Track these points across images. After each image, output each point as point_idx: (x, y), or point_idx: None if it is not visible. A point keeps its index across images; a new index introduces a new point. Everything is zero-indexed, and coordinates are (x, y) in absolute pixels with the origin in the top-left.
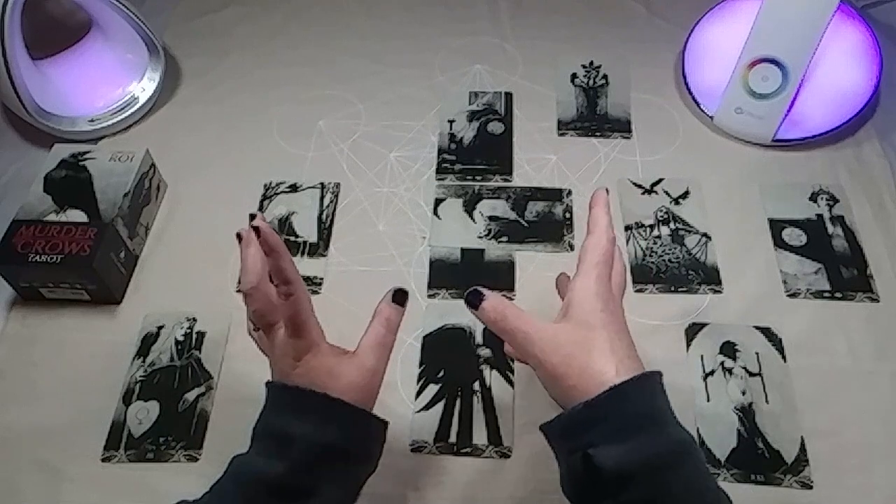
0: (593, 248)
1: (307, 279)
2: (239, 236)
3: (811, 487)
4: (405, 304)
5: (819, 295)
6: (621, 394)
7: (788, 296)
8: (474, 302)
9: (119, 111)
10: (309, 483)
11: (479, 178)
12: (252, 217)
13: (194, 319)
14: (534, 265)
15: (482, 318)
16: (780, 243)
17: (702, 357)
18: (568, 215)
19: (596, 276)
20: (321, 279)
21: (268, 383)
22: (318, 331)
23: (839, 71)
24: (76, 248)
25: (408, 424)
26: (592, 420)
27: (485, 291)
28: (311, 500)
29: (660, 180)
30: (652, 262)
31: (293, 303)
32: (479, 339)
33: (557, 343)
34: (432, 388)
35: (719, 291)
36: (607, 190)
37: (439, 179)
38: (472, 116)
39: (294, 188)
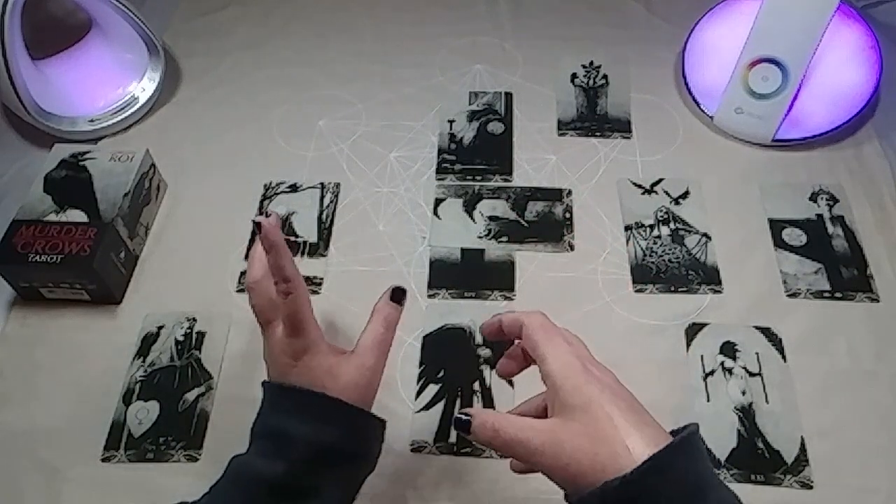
0: (534, 329)
1: (307, 279)
2: (256, 225)
3: (811, 487)
4: (403, 302)
5: (819, 295)
6: (660, 464)
7: (788, 296)
8: (464, 428)
9: (119, 111)
10: (308, 483)
11: (479, 178)
12: (267, 215)
13: (194, 319)
14: (534, 265)
15: (477, 441)
16: (780, 243)
17: (702, 357)
18: (568, 215)
19: (563, 347)
20: (321, 279)
21: (264, 383)
22: (317, 331)
23: (839, 71)
24: (76, 248)
25: (408, 424)
26: (630, 499)
27: (470, 412)
28: (310, 500)
29: (660, 180)
30: (652, 262)
31: (292, 301)
32: (479, 339)
33: (559, 441)
34: (432, 388)
35: (719, 291)
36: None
37: (439, 179)
38: (472, 116)
39: (294, 188)
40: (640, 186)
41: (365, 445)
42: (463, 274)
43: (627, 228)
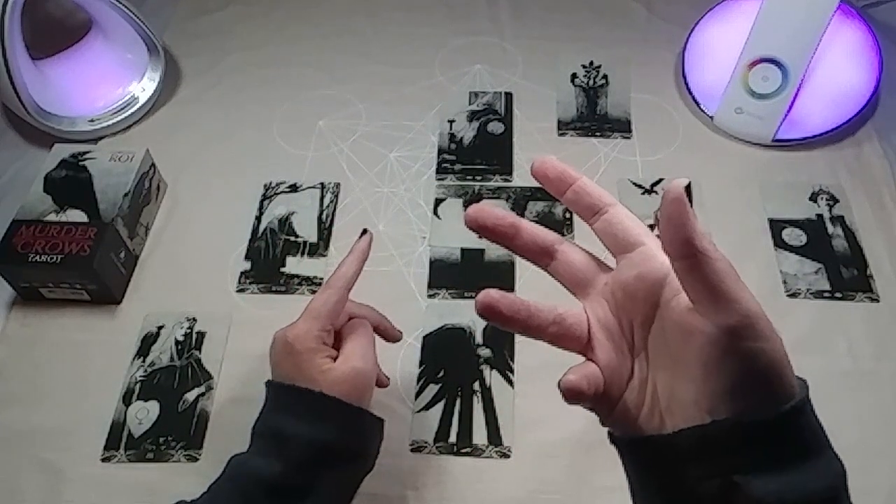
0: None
1: (307, 279)
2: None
3: None
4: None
5: (819, 295)
6: (785, 420)
7: (788, 296)
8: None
9: (119, 111)
10: (306, 482)
11: (479, 178)
12: (364, 231)
13: (194, 319)
14: (534, 265)
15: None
16: (780, 243)
17: None
18: (568, 215)
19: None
20: (321, 279)
21: (267, 382)
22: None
23: (839, 71)
24: (76, 248)
25: (408, 424)
26: (746, 443)
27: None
28: (309, 499)
29: (660, 180)
30: None
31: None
32: (479, 339)
33: (763, 318)
34: (432, 388)
35: None
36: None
37: (439, 179)
38: (472, 116)
39: (294, 188)
40: (640, 186)
41: (363, 444)
42: (463, 274)
43: None
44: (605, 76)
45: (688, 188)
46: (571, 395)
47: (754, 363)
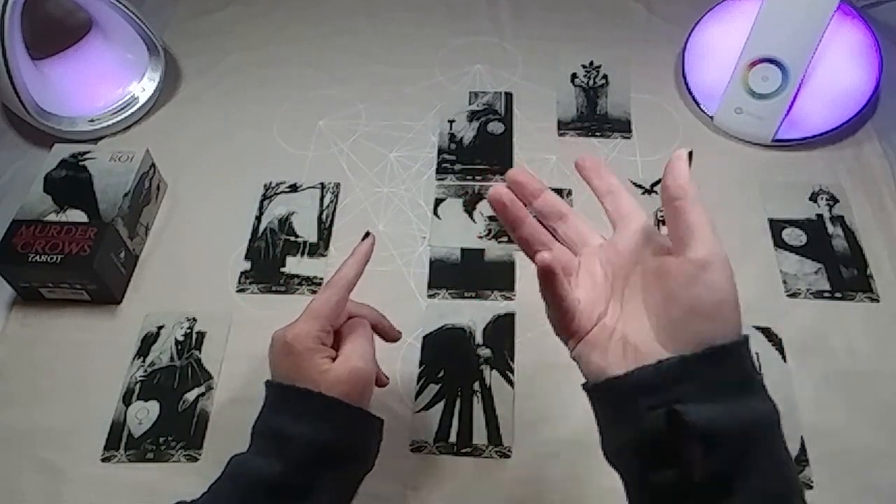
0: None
1: (307, 279)
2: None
3: (811, 487)
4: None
5: (819, 295)
6: (724, 354)
7: (788, 296)
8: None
9: (119, 111)
10: (305, 482)
11: (479, 178)
12: (367, 234)
13: (194, 319)
14: (534, 265)
15: (677, 179)
16: (780, 243)
17: None
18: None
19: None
20: (321, 279)
21: (267, 382)
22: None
23: (839, 71)
24: (76, 248)
25: (408, 424)
26: (688, 374)
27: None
28: (308, 500)
29: (660, 180)
30: None
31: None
32: (479, 339)
33: (729, 271)
34: (432, 388)
35: None
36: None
37: (439, 179)
38: (472, 116)
39: (294, 188)
40: (640, 186)
41: (363, 444)
42: (463, 274)
43: None
44: (605, 76)
45: (690, 154)
46: (544, 271)
47: (711, 293)
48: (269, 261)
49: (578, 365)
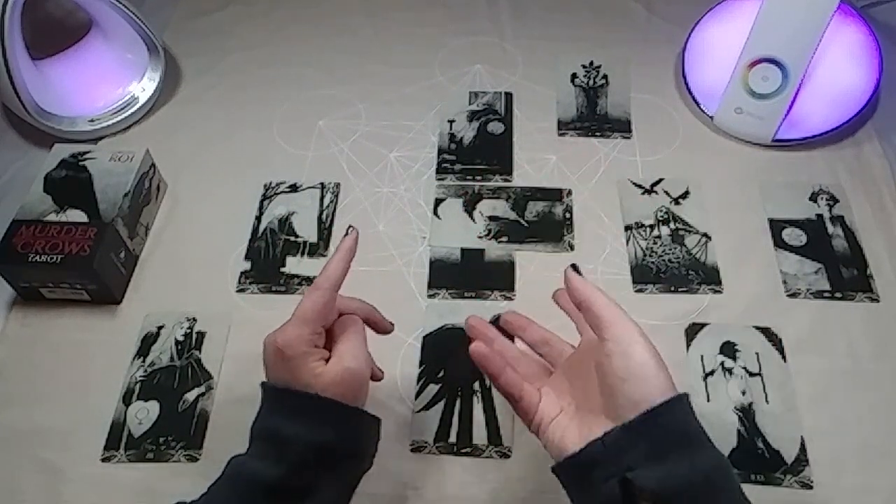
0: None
1: (307, 279)
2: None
3: (811, 487)
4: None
5: (819, 295)
6: (659, 414)
7: (788, 296)
8: (578, 270)
9: (119, 111)
10: (304, 483)
11: (479, 178)
12: (349, 229)
13: (194, 319)
14: (534, 265)
15: (573, 288)
16: (780, 243)
17: (702, 357)
18: (568, 215)
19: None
20: None
21: (263, 384)
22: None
23: (839, 71)
24: (76, 248)
25: (408, 424)
26: (632, 440)
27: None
28: (308, 500)
29: (660, 180)
30: (652, 262)
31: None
32: None
33: (640, 339)
34: (432, 388)
35: (719, 291)
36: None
37: (439, 179)
38: (472, 116)
39: (294, 188)
40: (640, 186)
41: (360, 443)
42: (463, 274)
43: (627, 228)
44: (605, 76)
45: (574, 267)
46: (476, 356)
47: (629, 360)
48: (269, 261)
49: (545, 447)
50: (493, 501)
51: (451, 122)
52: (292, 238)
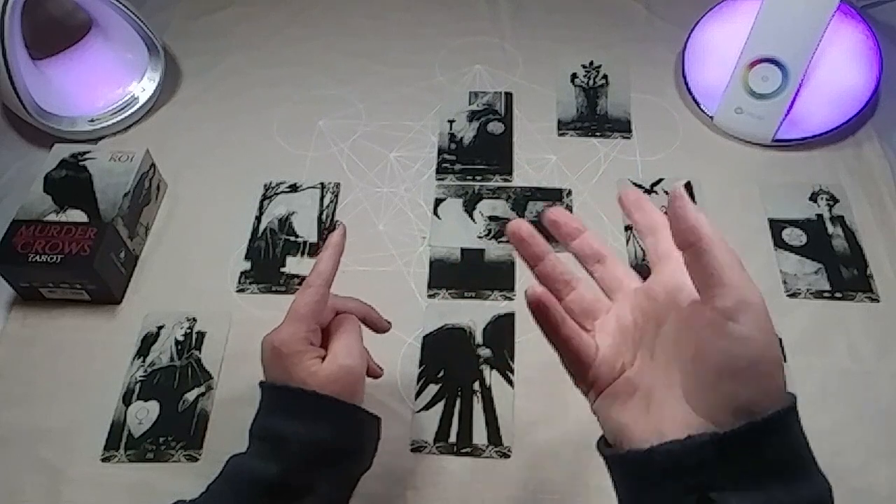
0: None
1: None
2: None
3: None
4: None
5: (819, 295)
6: (769, 431)
7: (788, 296)
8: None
9: (119, 111)
10: (303, 482)
11: (479, 178)
12: (335, 224)
13: (194, 319)
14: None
15: (681, 216)
16: (780, 243)
17: None
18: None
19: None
20: None
21: (261, 384)
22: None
23: (839, 71)
24: (76, 248)
25: (408, 424)
26: (725, 456)
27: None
28: (307, 499)
29: (660, 180)
30: None
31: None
32: (479, 339)
33: (768, 322)
34: (432, 388)
35: None
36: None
37: (439, 179)
38: (472, 116)
39: (294, 188)
40: (640, 186)
41: (358, 441)
42: (463, 274)
43: (627, 228)
44: (605, 76)
45: (688, 185)
46: (533, 305)
47: (742, 349)
48: (269, 261)
49: (598, 419)
50: (493, 501)
51: (451, 122)
52: (292, 238)
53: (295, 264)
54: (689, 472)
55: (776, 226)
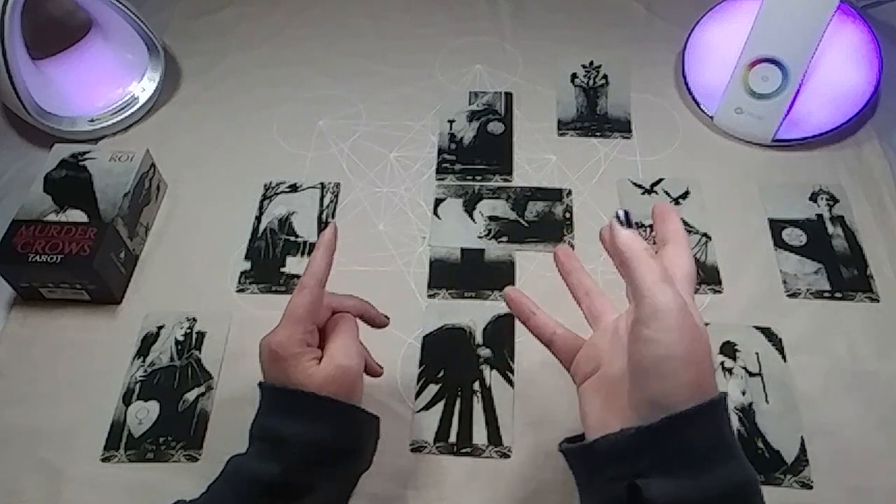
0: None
1: None
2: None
3: (811, 487)
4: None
5: (819, 295)
6: (684, 425)
7: (788, 296)
8: (625, 221)
9: (119, 111)
10: (303, 482)
11: (479, 178)
12: (326, 223)
13: (194, 319)
14: (534, 265)
15: (614, 236)
16: (780, 243)
17: None
18: (568, 215)
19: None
20: None
21: (260, 384)
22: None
23: (839, 71)
24: (76, 248)
25: (408, 424)
26: (647, 446)
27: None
28: (307, 499)
29: (660, 180)
30: None
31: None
32: (479, 339)
33: (688, 326)
34: (432, 388)
35: (719, 291)
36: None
37: (439, 179)
38: (472, 116)
39: (294, 188)
40: (640, 186)
41: (358, 440)
42: (463, 274)
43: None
44: (605, 76)
45: (626, 213)
46: (508, 298)
47: (648, 349)
48: (269, 261)
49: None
50: (493, 501)
51: (451, 122)
52: (292, 238)
53: (295, 264)
54: (621, 461)
55: (776, 226)
